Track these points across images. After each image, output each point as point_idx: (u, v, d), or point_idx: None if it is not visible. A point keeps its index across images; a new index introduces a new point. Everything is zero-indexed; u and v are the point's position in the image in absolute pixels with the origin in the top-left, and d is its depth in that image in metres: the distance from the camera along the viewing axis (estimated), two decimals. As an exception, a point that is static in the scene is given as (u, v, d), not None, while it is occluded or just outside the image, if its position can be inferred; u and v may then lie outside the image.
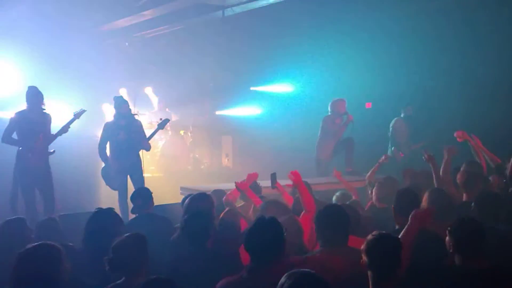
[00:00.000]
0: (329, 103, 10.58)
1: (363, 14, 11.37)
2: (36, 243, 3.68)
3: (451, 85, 10.93)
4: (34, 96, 8.20)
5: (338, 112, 10.28)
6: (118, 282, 3.82)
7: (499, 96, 10.08)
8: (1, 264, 3.66)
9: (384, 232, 3.68)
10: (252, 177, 6.84)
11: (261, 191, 7.03)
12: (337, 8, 10.93)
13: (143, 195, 6.19)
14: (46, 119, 8.36)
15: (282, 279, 3.00)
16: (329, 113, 10.57)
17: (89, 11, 11.02)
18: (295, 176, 5.72)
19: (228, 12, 11.05)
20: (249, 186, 6.56)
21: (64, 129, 8.38)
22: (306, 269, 3.07)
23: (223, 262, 4.24)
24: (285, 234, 3.81)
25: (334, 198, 7.19)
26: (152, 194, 6.23)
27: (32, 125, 8.14)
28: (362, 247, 3.60)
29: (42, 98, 8.28)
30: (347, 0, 10.44)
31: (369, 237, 3.62)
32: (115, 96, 9.27)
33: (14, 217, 5.34)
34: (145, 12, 11.22)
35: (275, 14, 11.35)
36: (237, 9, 10.90)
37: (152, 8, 10.93)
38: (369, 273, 3.54)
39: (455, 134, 7.72)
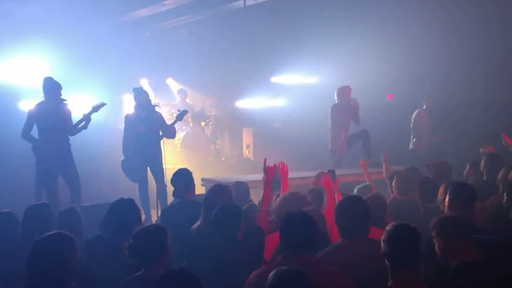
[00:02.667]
0: (335, 92, 10.42)
1: (386, 3, 11.26)
2: (50, 232, 3.74)
3: (475, 76, 10.79)
4: (51, 87, 8.20)
5: (344, 99, 10.18)
6: (137, 273, 3.85)
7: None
8: (25, 248, 3.71)
9: (402, 222, 3.67)
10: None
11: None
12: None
13: (185, 178, 6.05)
14: (64, 110, 8.35)
15: (270, 275, 3.13)
16: (336, 102, 10.40)
17: (110, 1, 11.02)
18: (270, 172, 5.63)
19: (250, 1, 10.98)
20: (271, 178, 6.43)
21: (85, 118, 8.36)
22: (293, 266, 3.18)
23: (253, 254, 4.29)
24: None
25: (355, 190, 7.14)
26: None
27: (51, 117, 8.15)
28: (382, 237, 3.61)
29: (60, 89, 8.26)
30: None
31: (388, 227, 3.63)
32: (134, 88, 9.26)
33: (39, 202, 5.42)
34: (165, 2, 11.20)
35: (297, 4, 11.28)
36: (259, -1, 10.86)
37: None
38: (388, 263, 3.54)
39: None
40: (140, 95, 9.00)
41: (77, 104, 9.60)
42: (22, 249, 3.76)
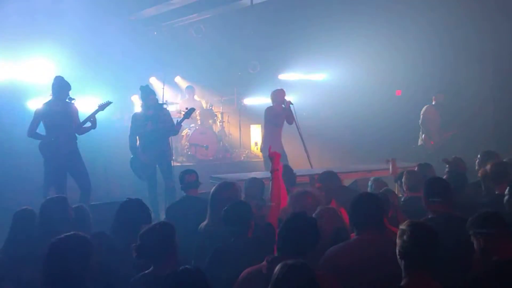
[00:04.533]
0: (270, 95, 10.27)
1: (395, 0, 11.22)
2: (67, 234, 3.70)
3: (483, 73, 10.75)
4: (60, 86, 8.19)
5: (278, 102, 10.06)
6: (147, 271, 3.84)
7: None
8: (42, 242, 3.73)
9: (417, 220, 3.64)
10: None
11: (296, 180, 6.94)
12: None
13: (196, 173, 6.43)
14: (72, 109, 8.33)
15: (276, 269, 3.14)
16: (271, 104, 10.23)
17: (117, 0, 11.02)
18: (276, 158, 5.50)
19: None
20: (283, 174, 6.36)
21: (89, 119, 8.32)
22: (299, 260, 3.17)
23: (264, 251, 4.21)
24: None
25: (369, 183, 7.10)
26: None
27: (58, 116, 8.13)
28: (398, 235, 3.56)
29: (69, 89, 8.24)
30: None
31: (404, 225, 3.57)
32: (141, 86, 9.25)
33: (56, 196, 5.43)
34: (173, 1, 11.19)
35: (304, 2, 11.24)
36: (266, -4, 10.84)
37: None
38: (402, 262, 3.48)
39: None
40: (147, 94, 9.01)
41: (85, 103, 9.61)
42: (42, 246, 3.75)
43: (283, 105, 9.94)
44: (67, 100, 8.23)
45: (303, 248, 3.72)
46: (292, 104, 9.91)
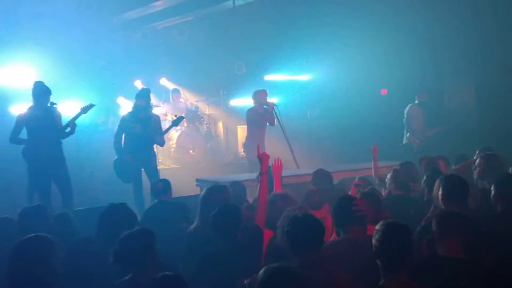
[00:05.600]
0: (252, 96, 10.26)
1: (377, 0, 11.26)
2: (27, 236, 3.72)
3: (467, 71, 10.83)
4: (41, 91, 8.09)
5: (259, 102, 10.05)
6: (126, 278, 3.79)
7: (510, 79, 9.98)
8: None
9: (392, 220, 3.64)
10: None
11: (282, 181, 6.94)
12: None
13: (164, 181, 6.45)
14: (54, 114, 8.25)
15: (260, 273, 3.13)
16: (253, 105, 10.20)
17: (99, 4, 10.97)
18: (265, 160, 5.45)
19: (239, 1, 10.94)
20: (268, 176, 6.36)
21: (70, 123, 8.23)
22: (283, 264, 3.18)
23: (253, 254, 4.30)
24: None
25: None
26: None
27: (41, 121, 8.05)
28: (373, 236, 3.56)
29: (49, 93, 8.15)
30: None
31: (378, 226, 3.56)
32: (143, 88, 9.38)
33: (34, 204, 5.39)
34: (155, 3, 11.16)
35: (286, 3, 11.25)
36: (248, -2, 10.84)
37: (161, -1, 10.91)
38: (379, 262, 3.49)
39: None
40: (143, 96, 8.99)
41: (69, 107, 9.55)
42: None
43: (265, 106, 9.90)
44: (48, 105, 8.17)
45: (315, 245, 3.75)
46: (276, 105, 9.87)
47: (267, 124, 10.05)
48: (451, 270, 3.55)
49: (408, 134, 11.39)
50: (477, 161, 6.04)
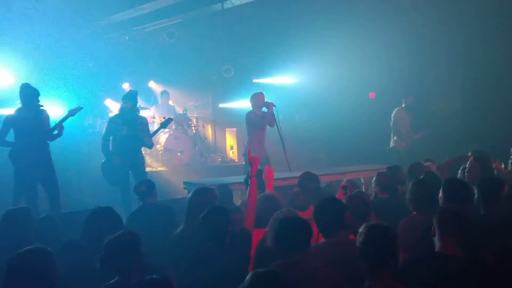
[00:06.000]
0: (249, 99, 10.28)
1: (365, 4, 11.30)
2: (27, 248, 3.62)
3: (452, 75, 10.92)
4: (29, 93, 8.04)
5: (258, 104, 10.09)
6: (111, 281, 3.77)
7: (502, 87, 10.06)
8: (3, 252, 3.70)
9: (375, 223, 3.68)
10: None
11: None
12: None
13: (146, 182, 6.34)
14: (42, 116, 8.21)
15: (247, 277, 3.12)
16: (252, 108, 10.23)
17: (87, 5, 10.94)
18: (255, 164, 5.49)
19: (228, 4, 10.95)
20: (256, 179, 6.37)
21: (58, 126, 8.20)
22: (270, 268, 3.20)
23: (242, 256, 4.29)
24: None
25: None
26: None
27: (29, 123, 8.00)
28: (357, 238, 3.58)
29: (38, 95, 8.09)
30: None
31: (362, 228, 3.58)
32: (130, 90, 9.26)
33: (17, 207, 5.35)
34: (143, 6, 11.13)
35: (275, 6, 11.27)
36: (236, 2, 10.80)
37: (149, 1, 10.84)
38: (364, 264, 3.51)
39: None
40: (130, 98, 8.98)
41: (56, 110, 9.52)
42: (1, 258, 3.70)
43: (264, 109, 9.91)
44: (38, 107, 8.13)
45: (302, 246, 3.76)
46: (275, 106, 9.90)
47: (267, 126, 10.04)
48: (447, 267, 3.60)
49: (395, 137, 11.46)
50: (468, 163, 6.08)
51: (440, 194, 4.86)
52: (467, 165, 6.11)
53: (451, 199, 4.69)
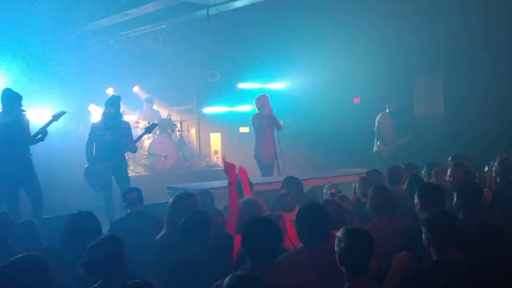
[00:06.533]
0: (254, 102, 10.34)
1: (350, 11, 11.38)
2: (21, 255, 3.59)
3: (435, 81, 11.03)
4: (10, 98, 8.00)
5: (261, 107, 10.16)
6: (95, 285, 3.75)
7: (485, 93, 10.17)
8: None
9: (353, 227, 3.71)
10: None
11: (253, 188, 6.96)
12: (323, 5, 10.91)
13: (137, 190, 6.26)
14: (23, 122, 8.15)
15: (226, 280, 3.11)
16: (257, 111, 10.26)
17: (72, 10, 10.91)
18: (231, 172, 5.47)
19: (213, 10, 10.96)
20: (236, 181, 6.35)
21: (42, 131, 8.17)
22: (247, 272, 3.19)
23: (224, 261, 4.29)
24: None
25: (324, 191, 7.20)
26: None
27: (10, 128, 7.92)
28: (335, 243, 3.59)
29: (20, 100, 8.06)
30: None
31: (339, 233, 3.61)
32: (113, 95, 9.24)
33: None
34: (128, 11, 11.11)
35: (260, 13, 11.31)
36: (221, 8, 10.82)
37: (135, 7, 10.83)
38: (343, 268, 3.54)
39: None
40: (112, 104, 8.97)
41: (40, 114, 9.47)
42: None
43: (264, 111, 9.96)
44: (20, 112, 8.08)
45: (269, 253, 3.72)
46: (271, 111, 10.00)
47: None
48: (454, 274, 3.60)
49: (378, 142, 11.52)
50: (449, 171, 6.11)
51: (416, 200, 4.88)
52: (448, 173, 6.13)
53: (427, 204, 4.69)
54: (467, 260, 3.71)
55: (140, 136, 9.52)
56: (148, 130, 9.45)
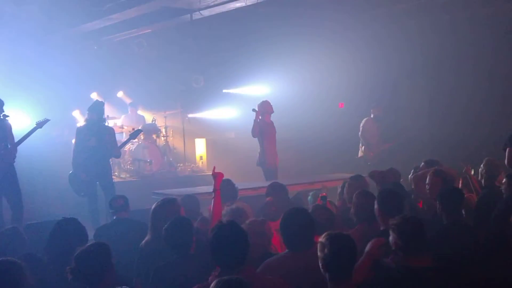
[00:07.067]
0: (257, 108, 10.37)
1: (334, 16, 11.44)
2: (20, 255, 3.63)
3: (419, 87, 11.13)
4: None
5: (269, 112, 10.21)
6: None
7: (462, 96, 10.28)
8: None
9: (336, 232, 3.66)
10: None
11: (238, 194, 6.95)
12: (306, 10, 10.96)
13: (124, 197, 6.26)
14: (6, 126, 8.08)
15: (212, 285, 3.11)
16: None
17: (55, 16, 10.86)
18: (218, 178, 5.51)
19: (196, 15, 10.97)
20: (223, 188, 6.33)
21: (26, 138, 8.15)
22: (233, 276, 3.16)
23: (207, 267, 4.20)
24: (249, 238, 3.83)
25: (309, 198, 7.22)
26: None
27: None
28: (318, 249, 3.58)
29: (2, 104, 8.01)
30: (315, 3, 10.43)
31: (322, 238, 3.59)
32: (96, 100, 9.22)
33: None
34: (112, 16, 11.08)
35: (243, 18, 11.34)
36: (205, 13, 10.83)
37: (118, 12, 10.80)
38: (327, 274, 3.52)
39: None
40: (94, 110, 8.92)
41: (22, 120, 9.41)
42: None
43: (260, 116, 10.01)
44: (1, 116, 8.02)
45: (235, 259, 3.70)
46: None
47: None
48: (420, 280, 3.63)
49: (363, 147, 11.57)
50: (428, 178, 6.12)
51: (375, 206, 4.89)
52: (427, 181, 6.13)
53: (386, 211, 4.71)
54: (434, 267, 3.73)
55: (125, 143, 9.54)
56: (133, 136, 9.46)
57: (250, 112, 10.27)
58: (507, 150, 5.87)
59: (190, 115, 14.80)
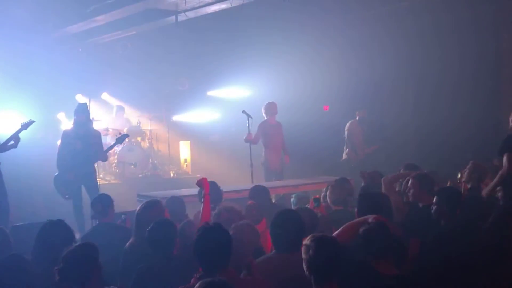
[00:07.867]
0: (262, 108, 10.44)
1: (317, 18, 11.51)
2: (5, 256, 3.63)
3: (405, 90, 11.20)
4: None
5: (271, 113, 10.29)
6: None
7: (447, 98, 10.37)
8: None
9: (320, 234, 3.70)
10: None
11: (223, 196, 6.97)
12: (289, 12, 11.01)
13: (103, 200, 6.14)
14: None
15: (196, 286, 3.13)
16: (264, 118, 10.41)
17: (39, 18, 10.82)
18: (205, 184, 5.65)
19: (181, 17, 10.97)
20: (209, 191, 6.36)
21: (14, 137, 8.12)
22: (217, 278, 3.19)
23: (191, 269, 4.21)
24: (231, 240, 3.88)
25: (292, 199, 7.25)
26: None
27: None
28: (303, 251, 3.61)
29: None
30: (299, 4, 10.50)
31: (307, 241, 3.62)
32: (79, 103, 9.19)
33: None
34: (97, 18, 11.05)
35: (228, 20, 11.37)
36: (190, 14, 10.83)
37: (103, 14, 10.78)
38: (312, 276, 3.55)
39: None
40: (82, 111, 8.90)
41: (6, 122, 9.36)
42: None
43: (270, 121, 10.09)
44: None
45: (218, 262, 3.73)
46: (251, 117, 10.11)
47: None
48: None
49: (347, 149, 11.63)
50: (410, 182, 6.14)
51: (356, 209, 4.92)
52: (409, 185, 6.16)
53: (362, 213, 4.65)
54: (400, 275, 3.78)
55: (111, 147, 9.51)
56: (119, 140, 9.45)
57: (235, 114, 10.30)
58: (505, 156, 5.85)
59: (174, 118, 14.81)
